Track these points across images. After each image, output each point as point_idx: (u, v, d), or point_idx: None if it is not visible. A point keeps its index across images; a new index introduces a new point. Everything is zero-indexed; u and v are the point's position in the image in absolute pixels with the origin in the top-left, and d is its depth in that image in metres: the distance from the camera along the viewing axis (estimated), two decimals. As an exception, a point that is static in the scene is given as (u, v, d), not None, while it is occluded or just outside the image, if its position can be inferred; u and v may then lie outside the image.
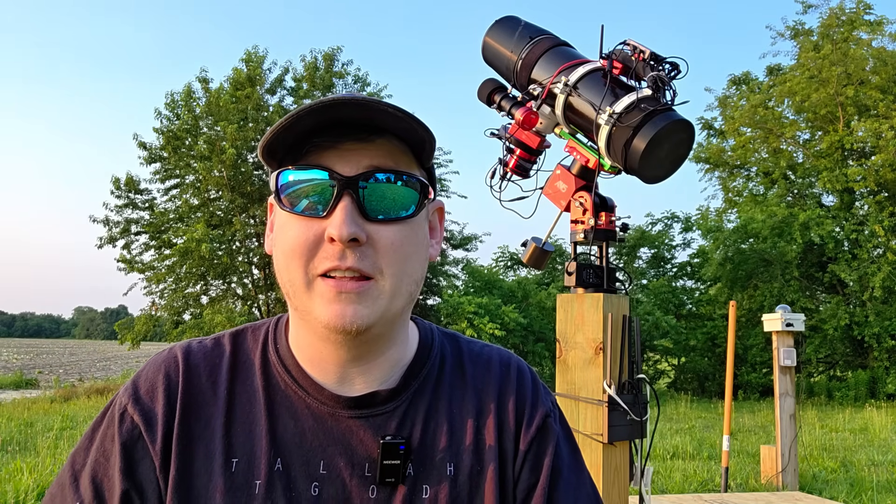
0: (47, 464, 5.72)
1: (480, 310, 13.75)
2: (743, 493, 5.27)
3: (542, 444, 0.85)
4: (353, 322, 0.73)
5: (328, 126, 0.74)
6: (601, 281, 2.16)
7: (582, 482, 0.86)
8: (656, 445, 7.52)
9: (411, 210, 0.77)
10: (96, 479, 0.76)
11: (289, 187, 0.75)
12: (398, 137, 0.76)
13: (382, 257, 0.74)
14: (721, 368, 15.54)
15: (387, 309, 0.75)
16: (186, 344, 0.85)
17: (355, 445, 0.79)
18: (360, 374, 0.80)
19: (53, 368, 26.94)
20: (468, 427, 0.83)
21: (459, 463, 0.81)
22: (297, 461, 0.78)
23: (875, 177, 14.85)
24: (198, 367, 0.82)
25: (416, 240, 0.78)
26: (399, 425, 0.81)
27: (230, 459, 0.77)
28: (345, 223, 0.71)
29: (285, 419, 0.80)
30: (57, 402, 12.18)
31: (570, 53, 2.14)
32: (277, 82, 15.20)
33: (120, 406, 0.80)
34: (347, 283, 0.73)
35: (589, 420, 2.06)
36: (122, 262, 14.51)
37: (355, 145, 0.74)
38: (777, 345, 5.75)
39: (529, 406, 0.86)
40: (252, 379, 0.82)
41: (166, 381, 0.81)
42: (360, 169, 0.74)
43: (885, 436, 8.83)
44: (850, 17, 15.92)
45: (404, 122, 0.73)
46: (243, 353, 0.85)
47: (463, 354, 0.90)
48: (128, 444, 0.77)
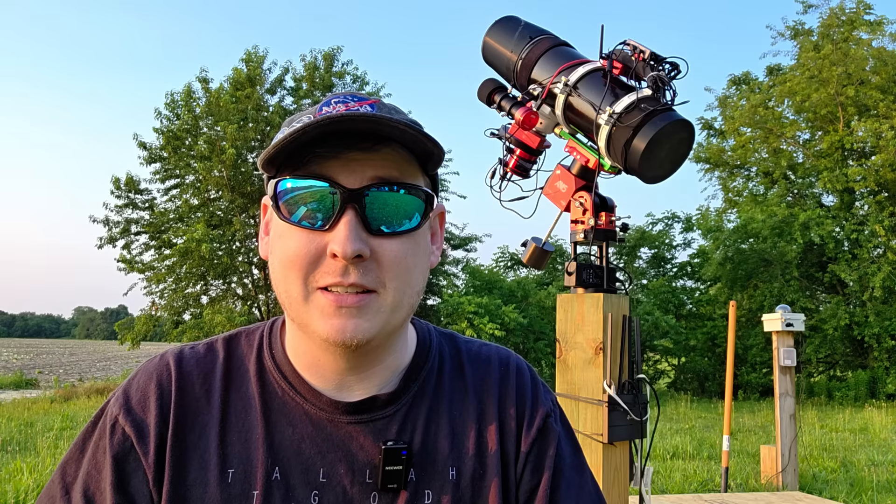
0: (47, 464, 5.72)
1: (480, 310, 13.75)
2: (743, 493, 5.27)
3: (543, 444, 0.84)
4: (354, 336, 0.71)
5: (332, 135, 0.71)
6: (601, 281, 2.16)
7: (584, 481, 0.85)
8: (656, 445, 7.52)
9: (416, 222, 0.74)
10: (88, 493, 0.75)
11: (289, 197, 0.72)
12: (403, 146, 0.73)
13: (386, 271, 0.72)
14: (721, 368, 15.54)
15: (388, 322, 0.74)
16: (178, 350, 0.83)
17: (356, 451, 0.77)
18: (359, 381, 0.79)
19: (53, 368, 26.94)
20: (469, 430, 0.82)
21: (462, 467, 0.80)
22: (295, 469, 0.76)
23: (875, 177, 14.84)
24: (191, 374, 0.80)
25: (419, 251, 0.76)
26: (400, 430, 0.79)
27: (226, 469, 0.75)
28: (349, 240, 0.69)
29: (283, 426, 0.78)
30: (57, 402, 12.18)
31: (570, 53, 2.14)
32: (277, 82, 15.20)
33: (111, 417, 0.78)
34: (348, 297, 0.71)
35: (589, 420, 2.06)
36: (122, 262, 14.51)
37: (360, 155, 0.72)
38: (777, 345, 5.75)
39: (530, 407, 0.85)
40: (247, 385, 0.80)
41: (158, 390, 0.78)
42: (364, 181, 0.71)
43: (885, 436, 8.82)
44: (851, 17, 15.91)
45: (411, 134, 0.71)
46: (237, 359, 0.82)
47: (462, 355, 0.88)
48: (119, 456, 0.75)
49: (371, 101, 0.75)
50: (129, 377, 0.82)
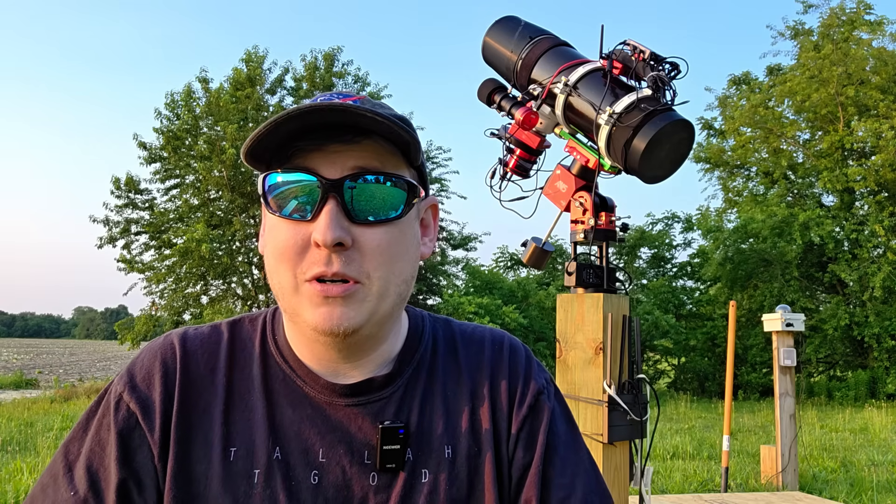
0: (47, 463, 5.71)
1: (480, 310, 13.76)
2: (743, 493, 5.27)
3: (534, 421, 0.84)
4: (341, 325, 0.73)
5: (313, 129, 0.73)
6: (601, 281, 2.16)
7: (580, 458, 0.85)
8: (656, 445, 7.52)
9: (399, 211, 0.76)
10: (91, 469, 0.75)
11: (275, 190, 0.75)
12: (384, 138, 0.75)
13: (369, 261, 0.74)
14: (721, 368, 15.54)
15: (374, 311, 0.75)
16: (182, 331, 0.84)
17: (354, 433, 0.79)
18: (354, 369, 0.81)
19: (53, 368, 26.94)
20: (464, 409, 0.83)
21: (457, 446, 0.81)
22: (296, 450, 0.78)
23: (875, 177, 14.84)
24: (195, 353, 0.81)
25: (404, 240, 0.77)
26: (397, 411, 0.81)
27: (229, 448, 0.77)
28: (329, 227, 0.71)
29: (284, 407, 0.79)
30: (57, 402, 12.18)
31: (570, 53, 2.14)
32: (277, 82, 15.21)
33: (115, 394, 0.79)
34: (334, 287, 0.73)
35: (589, 420, 2.06)
36: (122, 262, 14.52)
37: (341, 147, 0.74)
38: (777, 345, 5.75)
39: (522, 384, 0.86)
40: (251, 366, 0.82)
41: (163, 367, 0.79)
42: (345, 171, 0.73)
43: (885, 436, 8.82)
44: (851, 16, 15.91)
45: (385, 124, 0.72)
46: (241, 341, 0.84)
47: (455, 336, 0.90)
48: (124, 432, 0.76)
49: (356, 98, 0.77)
50: (133, 357, 0.84)
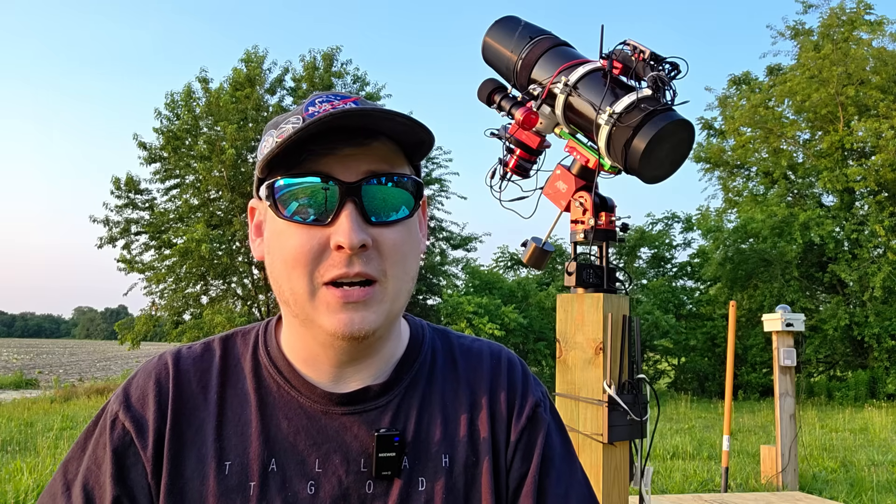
0: (47, 464, 5.72)
1: (480, 310, 13.75)
2: (743, 493, 5.27)
3: (532, 433, 0.86)
4: (361, 329, 0.74)
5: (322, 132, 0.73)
6: (601, 281, 2.16)
7: (574, 471, 0.87)
8: (656, 445, 7.52)
9: (409, 210, 0.78)
10: (88, 487, 0.77)
11: (287, 195, 0.75)
12: (391, 139, 0.77)
13: (386, 259, 0.75)
14: (721, 368, 15.54)
15: (390, 311, 0.77)
16: (176, 351, 0.86)
17: (350, 442, 0.79)
18: (356, 373, 0.81)
19: (53, 368, 26.94)
20: (461, 419, 0.84)
21: (454, 455, 0.82)
22: (291, 461, 0.78)
23: (875, 177, 14.84)
24: (188, 372, 0.83)
25: (413, 239, 0.80)
26: (393, 419, 0.81)
27: (223, 462, 0.78)
28: (353, 230, 0.72)
29: (278, 420, 0.80)
30: (57, 402, 12.19)
31: (570, 53, 2.14)
32: (277, 82, 15.21)
33: (111, 413, 0.80)
34: (354, 292, 0.74)
35: (589, 420, 2.06)
36: (122, 262, 14.51)
37: (353, 150, 0.74)
38: (777, 345, 5.75)
39: (520, 396, 0.88)
40: (243, 382, 0.83)
41: (157, 387, 0.81)
42: (359, 174, 0.74)
43: (885, 436, 8.82)
44: (851, 16, 15.90)
45: (404, 125, 0.74)
46: (233, 357, 0.85)
47: (454, 348, 0.91)
48: (119, 450, 0.77)
49: (353, 99, 0.78)
50: (129, 377, 0.85)
